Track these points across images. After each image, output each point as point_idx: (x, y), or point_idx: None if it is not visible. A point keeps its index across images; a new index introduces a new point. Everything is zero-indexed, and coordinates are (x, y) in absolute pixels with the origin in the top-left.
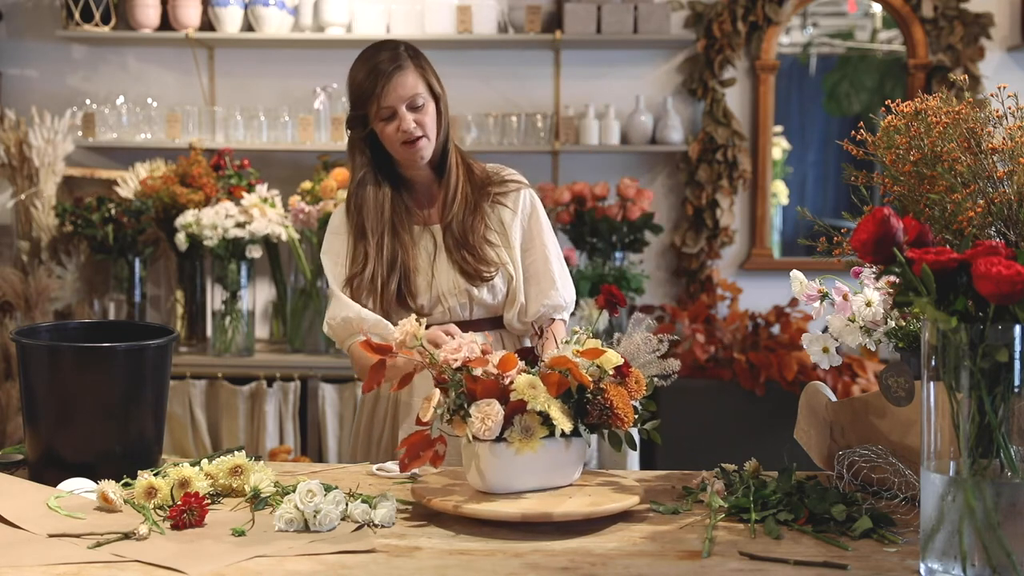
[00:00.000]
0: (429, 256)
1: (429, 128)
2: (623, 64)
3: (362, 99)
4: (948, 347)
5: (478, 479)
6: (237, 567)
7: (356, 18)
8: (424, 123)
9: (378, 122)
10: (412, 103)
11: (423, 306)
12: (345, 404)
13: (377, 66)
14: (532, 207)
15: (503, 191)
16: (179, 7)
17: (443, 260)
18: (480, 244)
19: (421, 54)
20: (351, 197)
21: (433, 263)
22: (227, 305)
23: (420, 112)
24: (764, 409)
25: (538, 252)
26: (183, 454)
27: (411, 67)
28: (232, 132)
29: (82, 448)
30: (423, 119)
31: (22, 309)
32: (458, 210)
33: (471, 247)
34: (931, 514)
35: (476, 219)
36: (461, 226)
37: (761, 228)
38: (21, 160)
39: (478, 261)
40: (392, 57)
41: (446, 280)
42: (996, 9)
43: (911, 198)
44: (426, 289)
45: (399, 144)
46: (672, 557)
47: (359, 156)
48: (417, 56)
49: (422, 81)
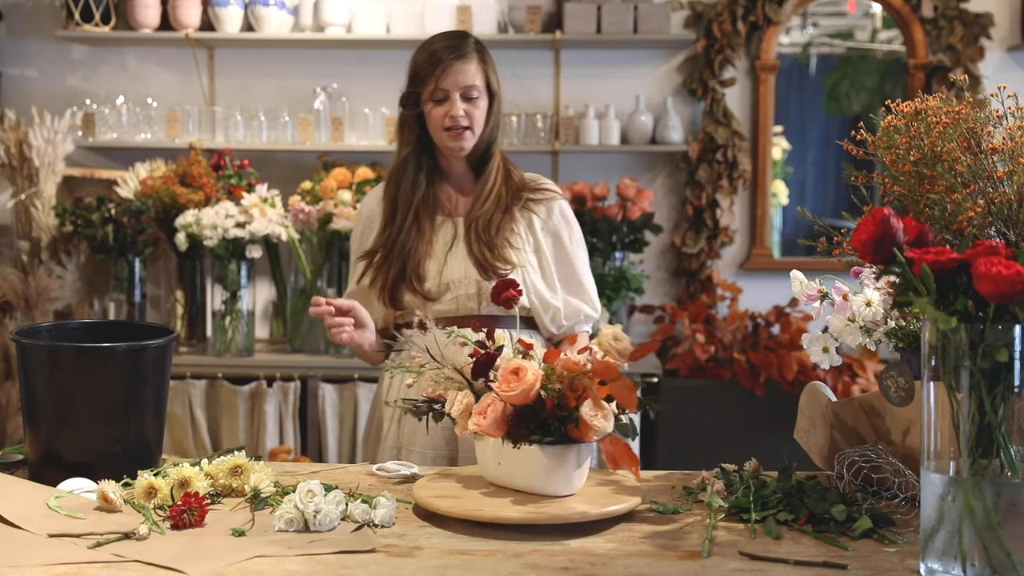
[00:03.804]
0: (446, 244)
1: (476, 121)
2: (623, 64)
3: (419, 77)
4: (948, 347)
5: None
6: (237, 567)
7: (356, 18)
8: (473, 115)
9: (429, 103)
10: (467, 93)
11: (429, 291)
12: (345, 404)
13: (442, 48)
14: (564, 218)
15: (536, 198)
16: (179, 7)
17: (460, 250)
18: (502, 243)
19: (487, 51)
20: (392, 174)
21: (448, 251)
22: (227, 305)
23: (472, 104)
24: (764, 409)
25: (569, 263)
26: (183, 454)
27: (475, 59)
28: (232, 132)
29: (82, 448)
30: (473, 111)
31: (22, 309)
32: (488, 207)
33: (492, 244)
34: (931, 514)
35: (504, 219)
36: (487, 222)
37: (761, 228)
38: (21, 160)
39: (495, 258)
40: (458, 44)
41: (458, 269)
42: (996, 9)
43: (911, 198)
44: (435, 275)
45: (443, 130)
46: (672, 557)
47: (407, 133)
48: (483, 51)
49: (481, 74)
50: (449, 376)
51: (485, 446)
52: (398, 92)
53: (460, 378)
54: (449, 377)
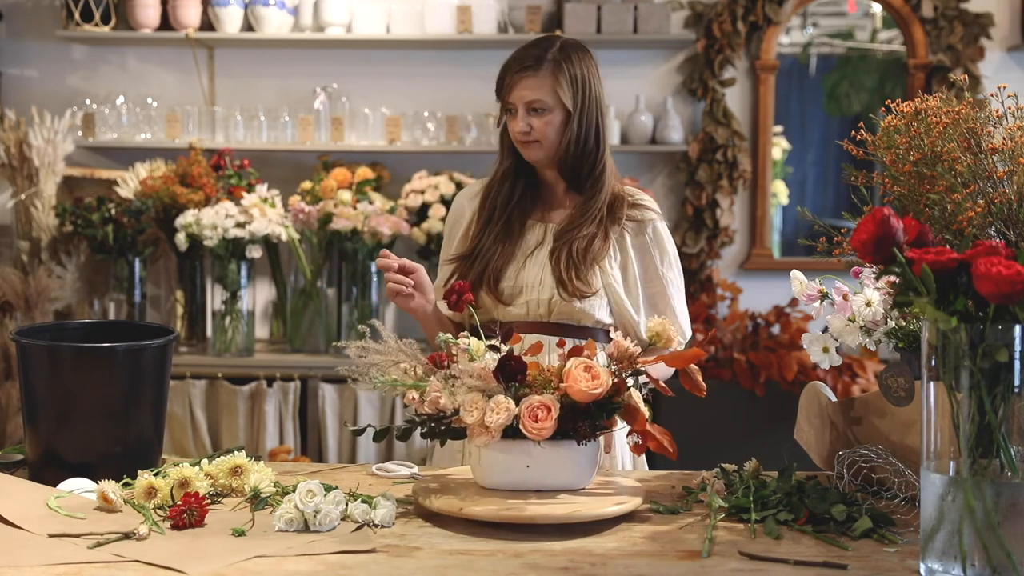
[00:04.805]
0: (528, 248)
1: (544, 135)
2: (623, 64)
3: (497, 89)
4: (948, 347)
5: (483, 475)
6: (237, 567)
7: (356, 18)
8: (540, 129)
9: (505, 113)
10: (532, 105)
11: (503, 291)
12: (345, 404)
13: (513, 60)
14: (656, 239)
15: (632, 216)
16: (179, 7)
17: (541, 256)
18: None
19: (572, 60)
20: (491, 183)
21: (529, 256)
22: (227, 305)
23: (538, 116)
24: (764, 409)
25: (659, 285)
26: (183, 454)
27: (547, 71)
28: (232, 132)
29: (82, 448)
30: (539, 125)
31: (22, 309)
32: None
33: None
34: (931, 514)
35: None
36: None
37: (761, 228)
38: (21, 160)
39: (580, 280)
40: (533, 56)
41: (534, 274)
42: (996, 9)
43: (911, 198)
44: (512, 276)
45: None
46: (672, 557)
47: (505, 140)
48: (564, 61)
49: (552, 88)
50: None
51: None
52: (398, 92)
53: (486, 384)
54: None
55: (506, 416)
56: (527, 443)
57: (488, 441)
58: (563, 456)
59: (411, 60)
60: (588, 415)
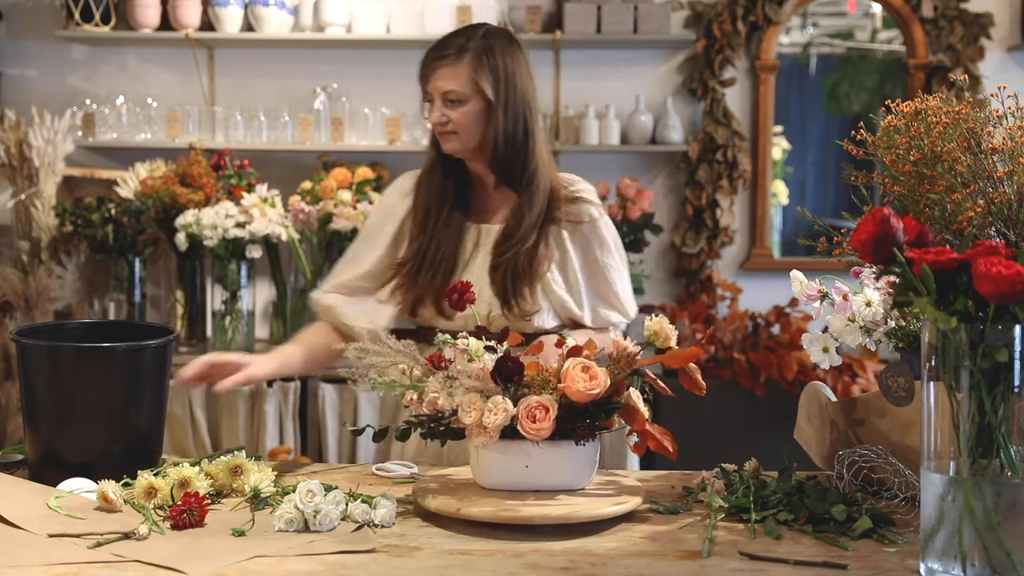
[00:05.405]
0: (465, 254)
1: (462, 126)
2: (623, 64)
3: (419, 78)
4: (948, 347)
5: (482, 475)
6: (237, 567)
7: (356, 18)
8: (457, 120)
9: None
10: (448, 96)
11: (444, 305)
12: (345, 404)
13: (433, 50)
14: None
15: (571, 214)
16: (179, 7)
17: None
18: (533, 286)
19: (495, 50)
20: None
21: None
22: (227, 305)
23: (455, 107)
24: (764, 409)
25: (600, 274)
26: (183, 454)
27: (466, 61)
28: (232, 132)
29: (82, 448)
30: (456, 116)
31: (22, 309)
32: (530, 239)
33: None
34: (931, 514)
35: (544, 251)
36: (525, 257)
37: (761, 228)
38: (21, 160)
39: (523, 298)
40: (455, 45)
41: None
42: (996, 9)
43: (911, 198)
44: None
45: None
46: (672, 557)
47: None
48: (484, 53)
49: (470, 79)
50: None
51: (498, 454)
52: (398, 92)
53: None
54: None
55: (504, 417)
56: (525, 443)
57: (486, 441)
58: (562, 456)
59: (411, 60)
60: (587, 415)
